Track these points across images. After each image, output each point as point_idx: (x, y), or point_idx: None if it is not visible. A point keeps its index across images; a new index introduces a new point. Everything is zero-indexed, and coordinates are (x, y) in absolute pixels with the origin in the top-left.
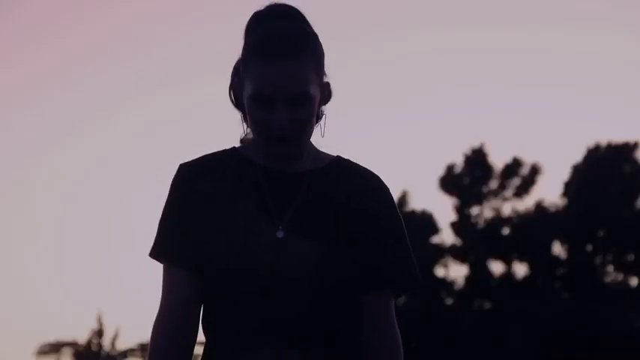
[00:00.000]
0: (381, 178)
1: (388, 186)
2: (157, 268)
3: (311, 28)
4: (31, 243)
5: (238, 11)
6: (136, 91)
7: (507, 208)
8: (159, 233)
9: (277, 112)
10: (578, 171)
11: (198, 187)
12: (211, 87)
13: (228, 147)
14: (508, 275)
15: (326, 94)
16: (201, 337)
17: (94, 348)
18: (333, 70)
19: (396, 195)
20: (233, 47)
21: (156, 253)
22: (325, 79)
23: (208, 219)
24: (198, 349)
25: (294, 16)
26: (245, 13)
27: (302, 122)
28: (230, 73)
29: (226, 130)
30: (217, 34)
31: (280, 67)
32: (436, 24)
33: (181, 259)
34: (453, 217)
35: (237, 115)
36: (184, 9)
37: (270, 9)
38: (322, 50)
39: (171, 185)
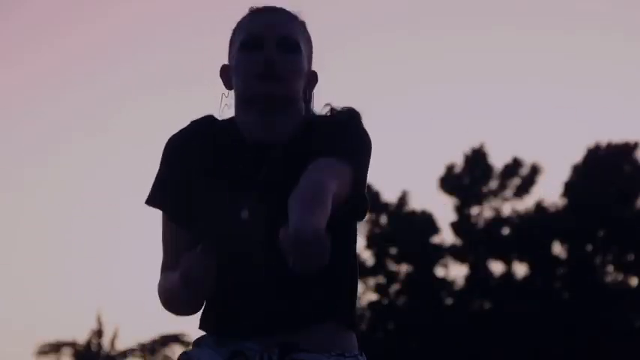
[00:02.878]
0: (351, 109)
1: (357, 112)
2: (157, 269)
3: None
4: (31, 243)
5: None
6: (136, 92)
7: (507, 208)
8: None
9: (266, 50)
10: (578, 171)
11: (183, 159)
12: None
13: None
14: (508, 275)
15: (312, 82)
16: None
17: (93, 348)
18: (334, 70)
19: (396, 195)
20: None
21: (149, 200)
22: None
23: (191, 190)
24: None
25: (290, 13)
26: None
27: (289, 67)
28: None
29: None
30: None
31: (270, 15)
32: (436, 25)
33: (169, 210)
34: (453, 217)
35: None
36: (186, 10)
37: (264, 7)
38: (311, 41)
39: (161, 156)
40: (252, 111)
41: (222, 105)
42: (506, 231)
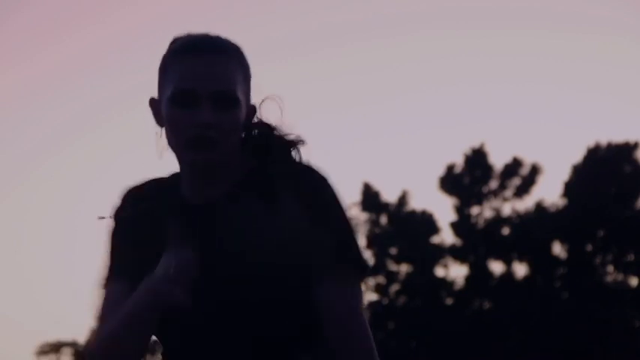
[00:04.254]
0: (309, 171)
1: (321, 177)
2: None
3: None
4: (32, 244)
5: (241, 13)
6: (136, 92)
7: (507, 208)
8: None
9: (200, 110)
10: (578, 171)
11: (130, 222)
12: None
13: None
14: (508, 275)
15: (251, 116)
16: None
17: None
18: (337, 72)
19: (396, 195)
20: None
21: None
22: (252, 102)
23: (139, 256)
24: None
25: (225, 46)
26: (247, 14)
27: (226, 128)
28: None
29: None
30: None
31: (204, 60)
32: (437, 27)
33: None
34: (453, 217)
35: None
36: (188, 10)
37: (194, 43)
38: (250, 70)
39: (113, 213)
40: (185, 169)
41: (159, 147)
42: (506, 231)
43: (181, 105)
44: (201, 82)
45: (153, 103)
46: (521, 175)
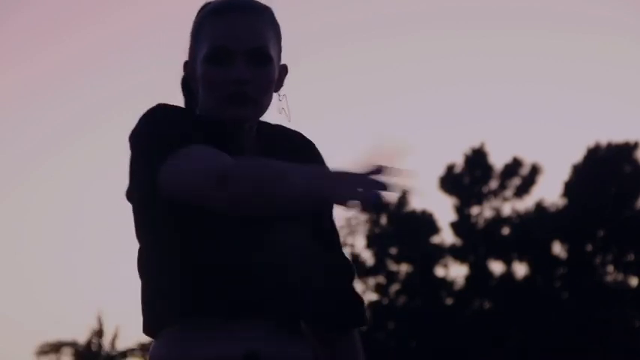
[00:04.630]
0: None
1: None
2: None
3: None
4: (32, 243)
5: None
6: (137, 93)
7: (507, 208)
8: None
9: (236, 66)
10: (578, 171)
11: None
12: None
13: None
14: (508, 275)
15: (283, 76)
16: None
17: (94, 348)
18: (337, 72)
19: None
20: None
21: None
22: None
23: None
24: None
25: (256, 6)
26: None
27: (261, 84)
28: None
29: None
30: None
31: (238, 18)
32: (437, 27)
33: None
34: (453, 217)
35: None
36: (188, 10)
37: (227, 3)
38: (280, 30)
39: (157, 110)
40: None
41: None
42: (506, 231)
43: (216, 62)
44: (235, 40)
45: (186, 67)
46: (521, 175)
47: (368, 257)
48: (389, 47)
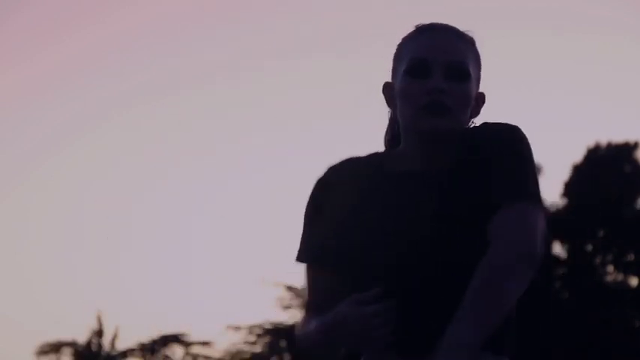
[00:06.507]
0: (510, 127)
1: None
2: (157, 269)
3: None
4: (32, 243)
5: (242, 13)
6: (137, 93)
7: None
8: (301, 237)
9: (433, 79)
10: (578, 171)
11: (333, 188)
12: (214, 95)
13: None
14: None
15: (480, 104)
16: None
17: (93, 348)
18: (337, 73)
19: None
20: (234, 54)
21: (296, 257)
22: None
23: (340, 218)
24: None
25: (459, 31)
26: (250, 16)
27: (457, 96)
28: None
29: (226, 134)
30: (221, 39)
31: (438, 35)
32: None
33: (315, 260)
34: None
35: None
36: (188, 10)
37: (430, 24)
38: (481, 61)
39: (308, 201)
40: (413, 141)
41: (387, 124)
42: None
43: (414, 75)
44: (434, 53)
45: (386, 87)
46: None
47: None
48: (389, 47)
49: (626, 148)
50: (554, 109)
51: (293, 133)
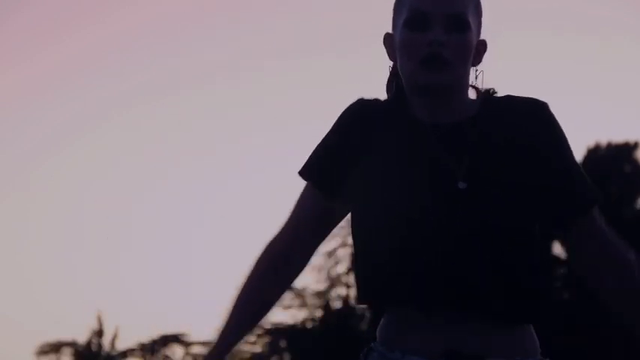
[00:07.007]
0: (541, 102)
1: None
2: (157, 269)
3: None
4: (32, 243)
5: (242, 13)
6: (137, 94)
7: None
8: (310, 155)
9: (432, 31)
10: None
11: (356, 132)
12: (214, 95)
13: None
14: None
15: (481, 52)
16: None
17: (94, 348)
18: (338, 73)
19: None
20: (234, 54)
21: (300, 170)
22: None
23: (359, 167)
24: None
25: None
26: (250, 16)
27: (457, 48)
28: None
29: (226, 134)
30: (221, 39)
31: None
32: None
33: (320, 181)
34: None
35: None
36: (189, 10)
37: None
38: (481, 7)
39: (335, 123)
40: (416, 95)
41: (388, 77)
42: None
43: (414, 27)
44: (433, 5)
45: (387, 38)
46: None
47: None
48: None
49: (626, 148)
50: (553, 109)
51: (293, 133)
